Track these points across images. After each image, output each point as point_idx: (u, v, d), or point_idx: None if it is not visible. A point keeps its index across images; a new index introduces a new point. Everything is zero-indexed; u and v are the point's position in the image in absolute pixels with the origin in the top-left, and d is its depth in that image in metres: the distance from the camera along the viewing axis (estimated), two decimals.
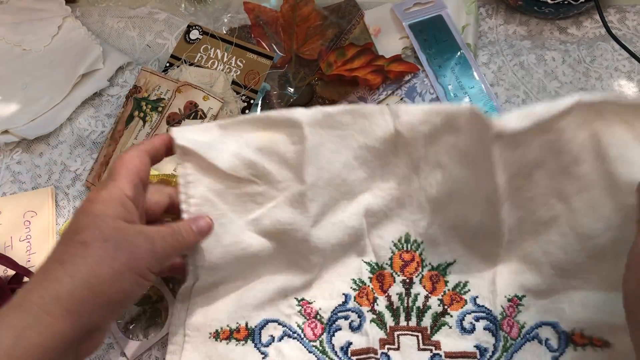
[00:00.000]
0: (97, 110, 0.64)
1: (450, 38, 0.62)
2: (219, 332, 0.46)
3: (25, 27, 0.69)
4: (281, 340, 0.47)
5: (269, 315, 0.47)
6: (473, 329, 0.46)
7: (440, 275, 0.48)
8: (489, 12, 0.67)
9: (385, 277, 0.48)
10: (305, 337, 0.47)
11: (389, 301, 0.48)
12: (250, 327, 0.47)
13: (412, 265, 0.48)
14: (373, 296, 0.48)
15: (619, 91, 0.60)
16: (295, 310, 0.48)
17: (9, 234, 0.56)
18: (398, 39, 0.64)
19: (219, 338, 0.46)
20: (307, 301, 0.48)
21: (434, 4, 0.64)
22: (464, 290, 0.48)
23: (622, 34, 0.63)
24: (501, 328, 0.46)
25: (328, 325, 0.47)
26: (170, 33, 0.68)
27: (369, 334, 0.46)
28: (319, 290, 0.48)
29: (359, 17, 0.64)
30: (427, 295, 0.48)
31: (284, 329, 0.47)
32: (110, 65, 0.65)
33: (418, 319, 0.47)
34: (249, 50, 0.61)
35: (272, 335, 0.47)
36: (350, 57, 0.61)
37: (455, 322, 0.47)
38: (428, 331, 0.47)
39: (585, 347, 0.45)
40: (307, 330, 0.47)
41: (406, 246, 0.48)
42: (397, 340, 0.47)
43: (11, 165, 0.61)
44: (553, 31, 0.64)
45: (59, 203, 0.59)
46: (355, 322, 0.47)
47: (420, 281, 0.48)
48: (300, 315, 0.48)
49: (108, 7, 0.71)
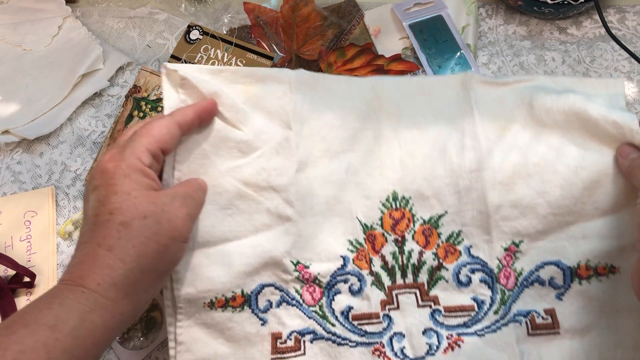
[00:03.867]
0: (97, 110, 0.64)
1: (450, 38, 0.62)
2: (214, 302, 0.45)
3: (26, 27, 0.69)
4: (279, 306, 0.46)
5: (265, 280, 0.46)
6: (469, 282, 0.47)
7: (433, 228, 0.48)
8: (489, 13, 0.67)
9: (377, 238, 0.48)
10: (304, 303, 0.46)
11: (384, 261, 0.47)
12: (246, 294, 0.46)
13: (402, 222, 0.48)
14: (369, 257, 0.47)
15: None
16: (293, 277, 0.46)
17: (9, 233, 0.56)
18: (398, 39, 0.64)
19: (213, 307, 0.45)
20: (304, 265, 0.46)
21: (434, 4, 0.64)
22: (457, 240, 0.47)
23: (622, 34, 0.63)
24: (498, 281, 0.46)
25: (327, 289, 0.46)
26: (171, 33, 0.68)
27: (370, 298, 0.46)
28: (314, 253, 0.47)
29: (359, 18, 0.64)
30: (420, 250, 0.47)
31: (282, 294, 0.46)
32: (110, 65, 0.65)
33: (414, 276, 0.47)
34: (249, 51, 0.61)
35: (269, 301, 0.46)
36: (350, 57, 0.61)
37: (451, 275, 0.47)
38: (425, 287, 0.47)
39: (590, 280, 0.45)
40: (306, 295, 0.46)
41: (395, 204, 0.48)
42: (396, 299, 0.47)
43: (11, 165, 0.61)
44: (553, 31, 0.64)
45: (59, 203, 0.59)
46: (356, 286, 0.47)
47: (413, 237, 0.48)
48: (298, 280, 0.46)
49: (108, 7, 0.71)
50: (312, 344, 0.46)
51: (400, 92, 0.50)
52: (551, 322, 0.45)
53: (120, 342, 0.50)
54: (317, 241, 0.47)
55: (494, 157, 0.46)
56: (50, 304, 0.34)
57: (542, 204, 0.46)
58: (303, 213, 0.46)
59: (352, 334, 0.46)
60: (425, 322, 0.46)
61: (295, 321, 0.46)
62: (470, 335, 0.46)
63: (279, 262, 0.46)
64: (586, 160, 0.45)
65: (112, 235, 0.36)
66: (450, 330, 0.46)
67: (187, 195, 0.41)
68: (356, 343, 0.45)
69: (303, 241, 0.46)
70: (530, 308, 0.46)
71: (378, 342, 0.45)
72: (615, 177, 0.44)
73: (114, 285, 0.36)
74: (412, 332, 0.46)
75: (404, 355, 0.45)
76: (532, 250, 0.46)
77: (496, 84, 0.49)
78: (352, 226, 0.48)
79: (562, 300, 0.46)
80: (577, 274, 0.46)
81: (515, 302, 0.46)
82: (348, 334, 0.46)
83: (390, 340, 0.46)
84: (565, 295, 0.46)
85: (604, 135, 0.45)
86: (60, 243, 0.56)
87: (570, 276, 0.46)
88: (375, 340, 0.45)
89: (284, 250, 0.46)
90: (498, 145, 0.47)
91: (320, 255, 0.47)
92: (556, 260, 0.46)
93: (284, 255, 0.46)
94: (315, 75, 0.50)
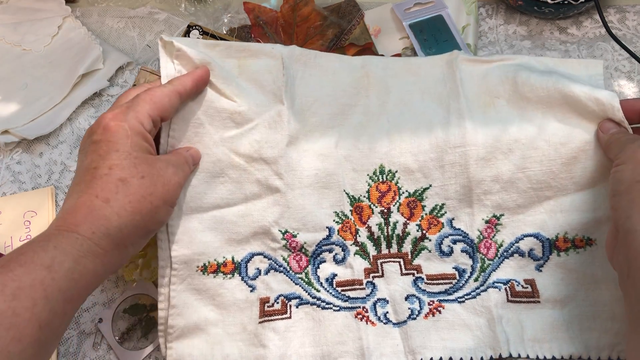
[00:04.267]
0: (97, 111, 0.64)
1: (451, 38, 0.62)
2: (207, 266, 0.48)
3: (25, 27, 0.69)
4: (267, 273, 0.49)
5: (254, 249, 0.49)
6: (451, 252, 0.49)
7: (417, 201, 0.50)
8: (489, 12, 0.67)
9: (364, 209, 0.50)
10: (291, 270, 0.49)
11: (370, 232, 0.50)
12: (237, 261, 0.49)
13: (389, 195, 0.50)
14: (355, 228, 0.50)
15: (618, 91, 0.60)
16: (281, 245, 0.49)
17: (9, 233, 0.56)
18: (398, 39, 0.64)
19: (206, 272, 0.48)
20: (291, 234, 0.49)
21: (434, 4, 0.64)
22: (440, 212, 0.49)
23: (622, 34, 0.63)
24: (478, 250, 0.48)
25: (313, 258, 0.49)
26: (171, 33, 0.68)
27: (353, 267, 0.49)
28: (302, 223, 0.49)
29: (359, 17, 0.64)
30: (405, 222, 0.50)
31: (270, 262, 0.49)
32: (110, 65, 0.65)
33: (398, 246, 0.49)
34: None
35: (258, 269, 0.49)
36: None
37: (434, 245, 0.49)
38: (409, 256, 0.49)
39: (568, 252, 0.47)
40: (293, 262, 0.49)
41: (382, 177, 0.50)
42: (381, 267, 0.49)
43: (11, 165, 0.61)
44: (553, 31, 0.64)
45: (59, 203, 0.59)
46: (339, 255, 0.49)
47: (398, 209, 0.50)
48: (285, 249, 0.49)
49: (108, 7, 0.71)
50: (297, 309, 0.48)
51: (389, 70, 0.53)
52: (531, 290, 0.47)
53: (120, 342, 0.50)
54: (305, 212, 0.49)
55: (478, 134, 0.48)
56: (45, 246, 0.36)
57: (522, 178, 0.48)
58: (292, 185, 0.48)
59: (335, 299, 0.48)
60: (408, 289, 0.48)
61: (282, 286, 0.48)
62: (451, 302, 0.48)
63: (268, 230, 0.48)
64: (566, 137, 0.47)
65: (110, 189, 0.38)
66: (432, 297, 0.48)
67: (178, 164, 0.43)
68: (339, 307, 0.48)
69: (291, 212, 0.49)
70: (510, 277, 0.48)
71: (361, 307, 0.47)
72: (594, 153, 0.46)
73: (108, 236, 0.38)
74: (395, 298, 0.48)
75: (387, 320, 0.47)
76: (512, 223, 0.49)
77: (480, 61, 0.52)
78: (339, 199, 0.50)
79: (542, 271, 0.48)
80: (556, 246, 0.48)
81: (495, 271, 0.48)
82: (332, 299, 0.48)
83: (374, 305, 0.48)
84: (545, 267, 0.48)
85: (586, 112, 0.47)
86: None
87: (549, 248, 0.48)
88: (358, 305, 0.48)
89: (272, 220, 0.48)
90: (481, 121, 0.49)
91: (307, 225, 0.49)
92: (535, 233, 0.48)
93: (272, 225, 0.48)
94: (306, 52, 0.52)
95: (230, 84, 0.48)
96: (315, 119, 0.50)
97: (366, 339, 0.46)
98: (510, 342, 0.45)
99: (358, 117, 0.51)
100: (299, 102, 0.50)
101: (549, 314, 0.47)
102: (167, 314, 0.47)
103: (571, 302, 0.47)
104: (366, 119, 0.51)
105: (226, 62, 0.50)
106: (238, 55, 0.50)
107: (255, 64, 0.50)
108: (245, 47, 0.50)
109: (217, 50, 0.50)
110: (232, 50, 0.50)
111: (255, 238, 0.49)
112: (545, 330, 0.46)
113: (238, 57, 0.50)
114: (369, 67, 0.52)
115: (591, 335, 0.46)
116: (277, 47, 0.51)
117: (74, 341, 0.51)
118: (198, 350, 0.47)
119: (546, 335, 0.46)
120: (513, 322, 0.46)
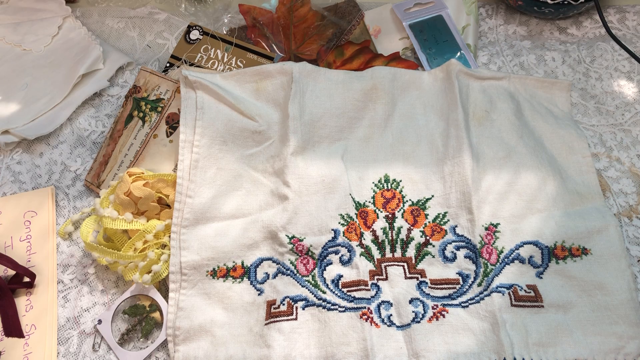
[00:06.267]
0: (97, 111, 0.64)
1: (451, 38, 0.62)
2: (216, 271, 0.50)
3: (26, 27, 0.69)
4: (275, 277, 0.50)
5: (264, 253, 0.51)
6: (454, 258, 0.50)
7: (421, 209, 0.52)
8: (489, 13, 0.67)
9: (369, 214, 0.52)
10: (298, 273, 0.50)
11: (374, 235, 0.51)
12: (246, 266, 0.50)
13: (393, 201, 0.52)
14: (360, 231, 0.51)
15: (618, 91, 0.60)
16: (288, 249, 0.50)
17: (9, 233, 0.56)
18: (398, 39, 0.64)
19: (216, 276, 0.50)
20: (298, 238, 0.50)
21: (434, 4, 0.64)
22: (443, 220, 0.51)
23: (622, 34, 0.63)
24: (481, 255, 0.50)
25: (319, 260, 0.50)
26: (171, 33, 0.68)
27: (359, 267, 0.49)
28: (308, 227, 0.51)
29: (359, 18, 0.64)
30: (409, 227, 0.51)
31: (278, 266, 0.50)
32: (110, 65, 0.65)
33: (402, 250, 0.51)
34: (249, 51, 0.61)
35: (267, 273, 0.50)
36: (349, 56, 0.61)
37: (437, 251, 0.50)
38: (413, 261, 0.50)
39: (565, 260, 0.49)
40: (300, 266, 0.50)
41: (386, 185, 0.53)
42: (385, 271, 0.50)
43: (11, 165, 0.61)
44: (553, 31, 0.64)
45: (59, 203, 0.59)
46: (345, 256, 0.50)
47: (402, 215, 0.52)
48: (292, 252, 0.50)
49: (108, 7, 0.71)
50: (303, 311, 0.48)
51: (396, 83, 0.56)
52: (534, 295, 0.48)
53: (120, 342, 0.50)
54: (312, 217, 0.51)
55: (473, 146, 0.52)
56: None
57: (511, 192, 0.51)
58: (299, 192, 0.51)
59: (341, 300, 0.49)
60: (412, 292, 0.49)
61: (288, 288, 0.49)
62: (455, 307, 0.48)
63: (275, 235, 0.50)
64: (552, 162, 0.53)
65: None
66: (435, 301, 0.48)
67: None
68: (345, 308, 0.48)
69: (298, 218, 0.51)
70: (513, 282, 0.49)
71: (365, 308, 0.48)
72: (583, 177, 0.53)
73: None
74: (399, 300, 0.49)
75: (390, 322, 0.48)
76: (510, 231, 0.51)
77: (474, 77, 0.57)
78: (344, 201, 0.52)
79: (542, 278, 0.49)
80: (554, 254, 0.49)
81: (498, 276, 0.49)
82: (337, 300, 0.49)
83: (378, 307, 0.49)
84: (545, 274, 0.49)
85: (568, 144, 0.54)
86: (60, 243, 0.56)
87: (548, 255, 0.49)
88: (363, 306, 0.48)
89: (280, 225, 0.50)
90: (477, 134, 0.54)
91: (313, 229, 0.51)
92: (534, 241, 0.50)
93: (279, 230, 0.50)
94: (317, 68, 0.56)
95: (250, 105, 0.54)
96: (324, 131, 0.54)
97: (370, 340, 0.46)
98: (515, 347, 0.45)
99: (364, 130, 0.55)
100: (308, 113, 0.54)
101: (553, 319, 0.47)
102: (175, 317, 0.48)
103: (573, 307, 0.48)
104: (372, 131, 0.55)
105: (245, 87, 0.56)
106: (254, 79, 0.56)
107: (271, 84, 0.56)
108: (258, 70, 0.56)
109: (235, 78, 0.56)
110: (247, 75, 0.56)
111: (264, 243, 0.51)
112: (549, 335, 0.46)
113: (254, 80, 0.56)
114: (377, 79, 0.56)
115: (595, 339, 0.46)
116: (288, 63, 0.56)
117: (74, 341, 0.51)
118: (202, 352, 0.47)
119: (551, 340, 0.46)
120: (517, 327, 0.46)
